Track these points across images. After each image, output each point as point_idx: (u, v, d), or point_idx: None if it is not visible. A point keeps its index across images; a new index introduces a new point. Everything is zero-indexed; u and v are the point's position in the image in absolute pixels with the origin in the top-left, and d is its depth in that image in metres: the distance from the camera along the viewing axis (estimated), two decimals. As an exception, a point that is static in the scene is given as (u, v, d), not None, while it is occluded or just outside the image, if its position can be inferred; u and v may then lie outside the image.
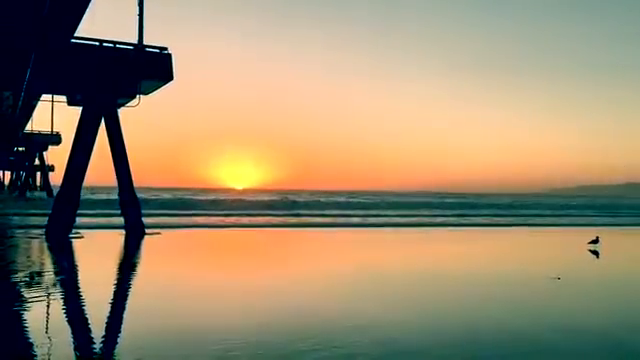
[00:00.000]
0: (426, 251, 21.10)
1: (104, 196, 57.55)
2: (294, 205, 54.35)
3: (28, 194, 64.14)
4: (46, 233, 21.64)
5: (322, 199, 68.48)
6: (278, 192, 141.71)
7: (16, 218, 29.13)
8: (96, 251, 18.79)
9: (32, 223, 26.26)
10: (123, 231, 23.55)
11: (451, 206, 56.22)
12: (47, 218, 22.40)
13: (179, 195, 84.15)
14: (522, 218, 41.01)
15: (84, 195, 25.07)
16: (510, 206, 58.29)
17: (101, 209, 37.81)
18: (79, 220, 23.40)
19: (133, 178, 24.39)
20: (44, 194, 64.32)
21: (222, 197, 75.44)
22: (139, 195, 25.07)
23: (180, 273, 14.15)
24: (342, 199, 75.61)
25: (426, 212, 46.82)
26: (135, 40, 22.58)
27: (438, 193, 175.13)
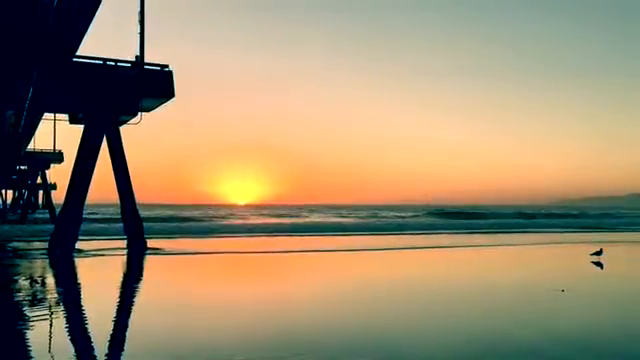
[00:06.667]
0: (422, 268, 21.07)
1: (107, 215, 57.54)
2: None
3: (30, 216, 63.70)
4: (48, 252, 21.61)
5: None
6: (286, 207, 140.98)
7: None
8: (99, 269, 18.73)
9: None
10: (126, 248, 23.56)
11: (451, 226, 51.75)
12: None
13: (183, 213, 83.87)
14: (524, 234, 40.57)
15: (86, 214, 25.04)
16: (514, 223, 55.99)
17: (104, 227, 37.70)
18: (82, 238, 23.34)
19: (135, 195, 24.44)
20: (46, 212, 64.15)
21: (230, 216, 74.67)
22: (141, 212, 25.05)
23: (182, 292, 14.09)
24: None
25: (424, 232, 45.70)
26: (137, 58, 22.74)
27: (438, 205, 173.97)
